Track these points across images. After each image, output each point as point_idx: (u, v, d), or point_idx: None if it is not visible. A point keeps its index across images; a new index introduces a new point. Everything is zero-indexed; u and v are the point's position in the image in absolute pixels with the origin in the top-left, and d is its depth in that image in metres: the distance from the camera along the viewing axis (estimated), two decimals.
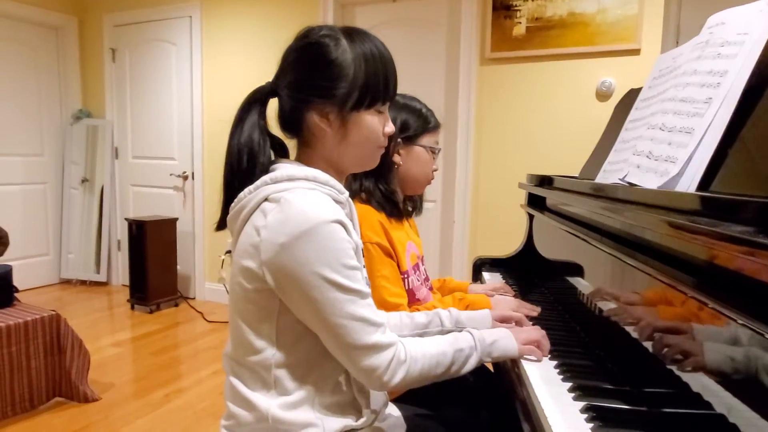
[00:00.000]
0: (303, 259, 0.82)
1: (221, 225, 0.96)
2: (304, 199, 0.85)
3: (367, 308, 0.86)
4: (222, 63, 4.00)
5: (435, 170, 1.47)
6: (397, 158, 1.39)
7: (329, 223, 0.83)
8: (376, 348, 0.86)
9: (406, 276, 1.36)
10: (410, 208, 1.51)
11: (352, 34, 0.92)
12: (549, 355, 1.08)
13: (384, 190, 1.36)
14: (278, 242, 0.83)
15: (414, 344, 0.92)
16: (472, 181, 3.25)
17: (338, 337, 0.85)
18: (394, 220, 1.38)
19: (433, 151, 1.44)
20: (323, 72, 0.89)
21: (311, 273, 0.82)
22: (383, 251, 1.30)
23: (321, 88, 0.90)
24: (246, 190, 0.90)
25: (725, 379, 0.66)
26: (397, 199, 1.39)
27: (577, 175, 1.71)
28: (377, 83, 0.91)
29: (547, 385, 0.95)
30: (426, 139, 1.42)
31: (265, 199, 0.87)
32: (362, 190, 1.35)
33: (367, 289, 0.88)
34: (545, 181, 1.72)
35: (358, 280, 0.86)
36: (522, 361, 1.06)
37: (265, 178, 0.89)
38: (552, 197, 1.67)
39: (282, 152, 1.00)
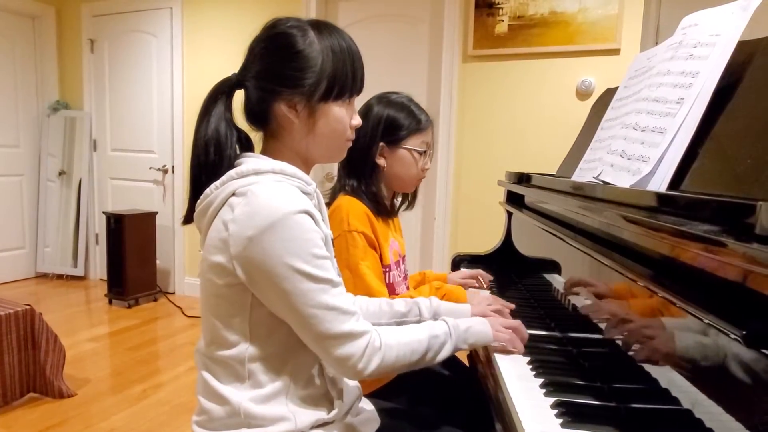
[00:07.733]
0: (272, 251, 0.82)
1: (188, 219, 0.95)
2: (270, 192, 0.85)
3: (339, 297, 0.86)
4: (203, 55, 3.95)
5: (426, 169, 1.44)
6: (381, 161, 1.39)
7: (297, 213, 0.83)
8: (350, 336, 0.85)
9: (387, 270, 1.38)
10: (397, 204, 1.52)
11: (320, 26, 0.93)
12: (524, 350, 1.09)
13: (367, 191, 1.36)
14: (247, 235, 0.82)
15: (388, 332, 0.92)
16: (453, 177, 3.26)
17: (311, 327, 0.84)
18: (380, 217, 1.39)
19: (419, 153, 1.40)
20: (291, 62, 0.90)
21: (281, 264, 0.82)
22: (368, 241, 1.31)
23: (289, 77, 0.90)
24: (213, 185, 0.89)
25: (692, 375, 0.67)
26: (380, 199, 1.39)
27: (554, 173, 1.73)
28: (345, 74, 0.92)
29: (519, 381, 0.96)
30: (413, 140, 1.39)
31: (233, 194, 0.87)
32: (347, 185, 1.37)
33: (337, 278, 0.88)
34: (523, 179, 1.73)
35: (328, 269, 0.86)
36: (496, 355, 1.07)
37: (231, 172, 0.89)
38: (529, 195, 1.69)
39: (247, 146, 0.99)
